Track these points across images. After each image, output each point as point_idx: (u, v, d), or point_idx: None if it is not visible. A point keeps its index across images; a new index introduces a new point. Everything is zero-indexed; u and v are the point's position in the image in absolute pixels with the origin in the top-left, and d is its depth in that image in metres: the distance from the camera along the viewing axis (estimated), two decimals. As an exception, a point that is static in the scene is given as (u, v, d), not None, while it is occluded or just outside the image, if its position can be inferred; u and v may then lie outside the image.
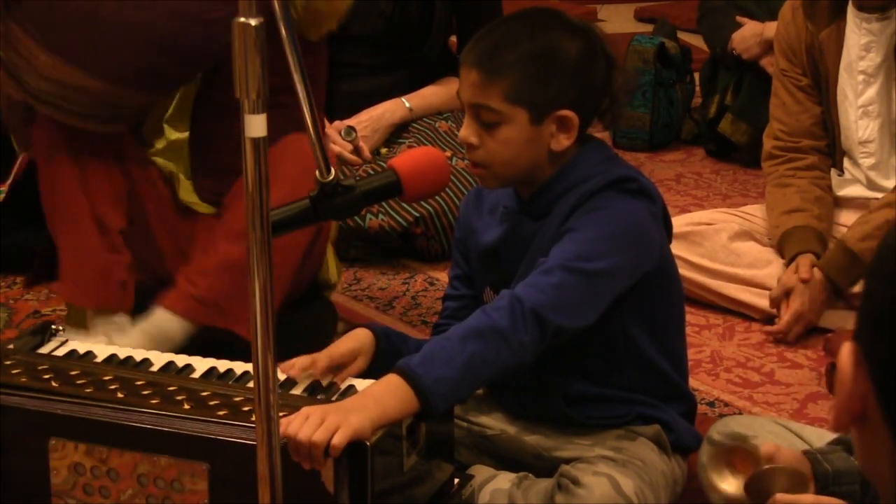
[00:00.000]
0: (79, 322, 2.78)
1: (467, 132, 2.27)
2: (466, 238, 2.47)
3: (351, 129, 3.62)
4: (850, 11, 3.16)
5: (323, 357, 2.22)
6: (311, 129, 1.94)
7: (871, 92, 3.17)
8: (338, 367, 2.23)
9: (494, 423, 2.45)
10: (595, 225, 2.22)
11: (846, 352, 1.07)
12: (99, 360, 2.28)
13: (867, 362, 1.05)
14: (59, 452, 2.08)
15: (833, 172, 3.30)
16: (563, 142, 2.27)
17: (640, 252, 2.25)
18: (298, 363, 2.21)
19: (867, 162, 3.21)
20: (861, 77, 3.17)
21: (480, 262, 2.43)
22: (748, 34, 4.16)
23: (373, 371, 2.23)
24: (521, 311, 2.11)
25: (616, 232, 2.22)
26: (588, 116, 2.30)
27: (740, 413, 2.80)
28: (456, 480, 2.22)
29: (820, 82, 3.26)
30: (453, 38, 3.93)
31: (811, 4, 3.22)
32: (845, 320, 3.08)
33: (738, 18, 4.20)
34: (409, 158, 2.19)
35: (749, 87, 4.21)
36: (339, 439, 1.91)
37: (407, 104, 3.79)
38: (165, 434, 2.03)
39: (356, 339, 2.28)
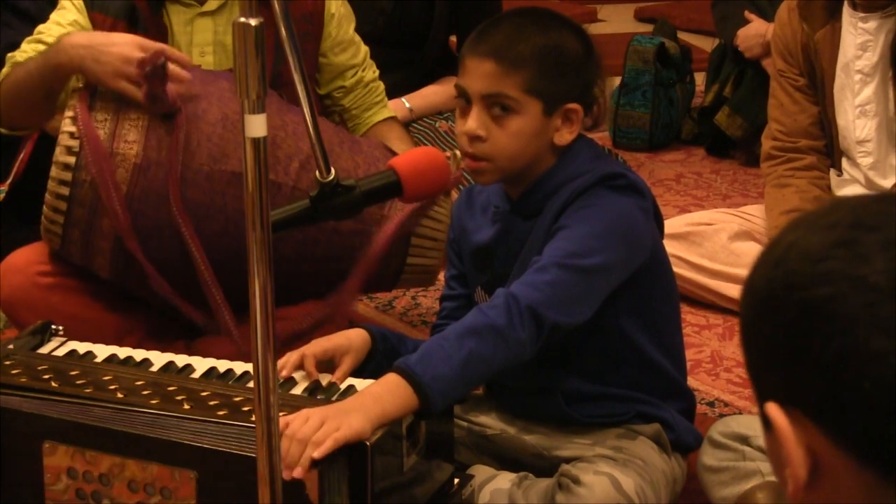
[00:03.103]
0: None
1: (475, 124, 2.26)
2: (459, 238, 2.48)
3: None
4: (846, 11, 3.16)
5: (309, 354, 2.22)
6: (310, 129, 1.94)
7: (869, 91, 3.17)
8: (327, 363, 2.24)
9: (494, 422, 2.45)
10: (586, 222, 2.22)
11: (777, 414, 1.04)
12: (99, 360, 2.28)
13: (802, 409, 1.03)
14: (53, 456, 2.07)
15: (832, 172, 3.30)
16: (566, 136, 2.29)
17: (632, 247, 2.26)
18: (290, 361, 2.21)
19: (865, 161, 3.21)
20: (858, 76, 3.17)
21: (472, 262, 2.44)
22: (752, 33, 4.16)
23: (371, 372, 2.23)
24: (517, 308, 2.11)
25: (607, 228, 2.23)
26: (586, 112, 2.32)
27: (740, 413, 2.80)
28: (456, 480, 2.22)
29: (816, 82, 3.26)
30: (453, 38, 3.93)
31: (806, 5, 3.22)
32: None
33: (747, 14, 4.20)
34: (408, 158, 2.19)
35: (750, 81, 4.21)
36: (338, 436, 1.91)
37: (407, 104, 3.79)
38: (155, 441, 2.02)
39: (346, 337, 2.29)
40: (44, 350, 2.31)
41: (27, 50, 2.78)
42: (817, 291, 1.02)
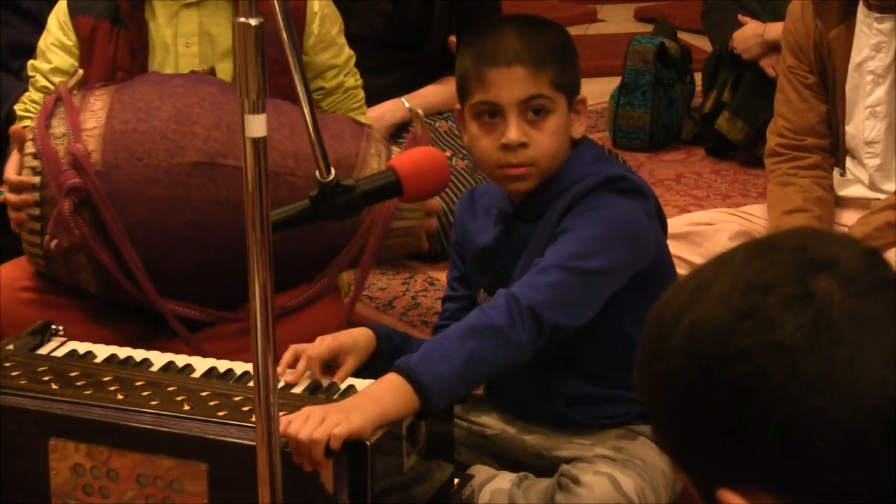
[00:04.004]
0: None
1: (517, 132, 2.26)
2: (462, 240, 2.48)
3: None
4: (861, 11, 3.15)
5: (315, 357, 2.21)
6: (310, 129, 1.94)
7: (880, 92, 3.16)
8: (331, 364, 2.23)
9: (494, 422, 2.45)
10: (589, 224, 2.23)
11: (734, 500, 1.01)
12: (99, 360, 2.28)
13: (754, 485, 1.01)
14: (59, 453, 2.07)
15: (835, 172, 3.29)
16: (579, 128, 2.33)
17: (635, 250, 2.26)
18: (298, 370, 2.20)
19: (872, 163, 3.20)
20: (870, 77, 3.16)
21: (475, 263, 2.44)
22: (749, 34, 4.16)
23: (375, 372, 2.22)
24: (518, 309, 2.11)
25: (610, 231, 2.23)
26: None
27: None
28: (456, 480, 2.22)
29: (827, 81, 3.25)
30: (453, 38, 3.93)
31: (821, 3, 3.21)
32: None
33: (740, 17, 4.20)
34: (409, 158, 2.19)
35: (748, 85, 4.21)
36: (340, 431, 1.91)
37: (407, 104, 3.79)
38: (165, 435, 2.03)
39: (351, 336, 2.28)
40: (43, 350, 2.31)
41: (26, 103, 2.88)
42: (737, 370, 0.99)
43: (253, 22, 1.44)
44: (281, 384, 2.15)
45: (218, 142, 2.61)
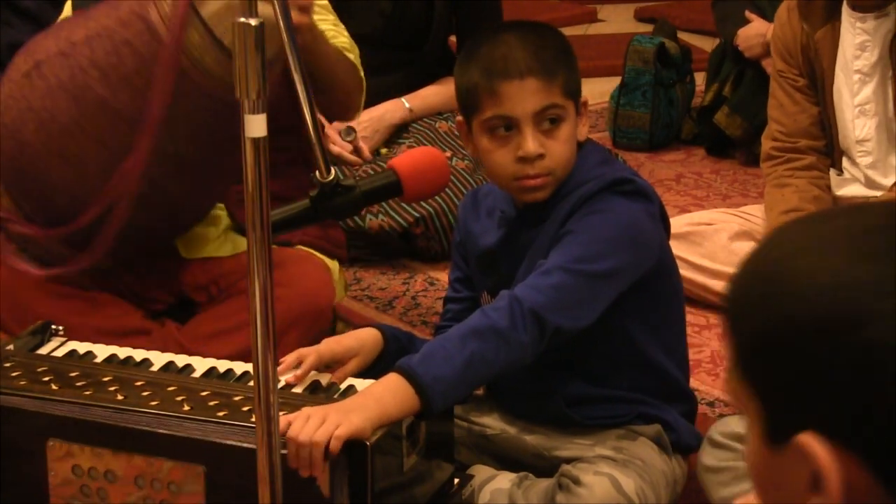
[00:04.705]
0: None
1: (535, 144, 2.25)
2: (465, 241, 2.48)
3: (351, 129, 3.62)
4: (845, 11, 3.17)
5: (314, 358, 2.21)
6: (310, 128, 1.94)
7: (868, 91, 3.17)
8: (331, 364, 2.23)
9: (495, 422, 2.45)
10: (593, 227, 2.22)
11: (818, 447, 0.94)
12: (99, 360, 2.28)
13: (848, 443, 0.94)
14: (58, 454, 2.07)
15: (832, 172, 3.30)
16: (584, 130, 2.33)
17: (639, 253, 2.26)
18: (286, 361, 2.20)
19: (865, 161, 3.21)
20: (857, 76, 3.17)
21: (478, 265, 2.44)
22: (752, 33, 4.16)
23: (380, 373, 2.22)
24: (520, 311, 2.11)
25: (614, 234, 2.23)
26: None
27: (740, 413, 2.79)
28: (456, 480, 2.22)
29: (816, 82, 3.26)
30: (453, 38, 3.93)
31: (806, 5, 3.23)
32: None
33: (748, 14, 4.20)
34: (409, 159, 2.19)
35: (750, 81, 4.21)
36: (340, 433, 1.91)
37: (407, 104, 3.79)
38: (162, 436, 2.02)
39: (356, 339, 2.28)
40: (43, 350, 2.31)
41: None
42: (866, 335, 0.91)
43: (253, 22, 1.44)
44: (281, 384, 2.15)
45: (43, 46, 2.56)
